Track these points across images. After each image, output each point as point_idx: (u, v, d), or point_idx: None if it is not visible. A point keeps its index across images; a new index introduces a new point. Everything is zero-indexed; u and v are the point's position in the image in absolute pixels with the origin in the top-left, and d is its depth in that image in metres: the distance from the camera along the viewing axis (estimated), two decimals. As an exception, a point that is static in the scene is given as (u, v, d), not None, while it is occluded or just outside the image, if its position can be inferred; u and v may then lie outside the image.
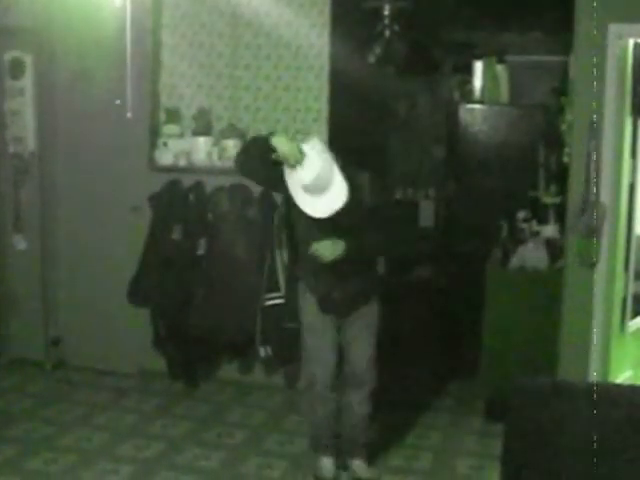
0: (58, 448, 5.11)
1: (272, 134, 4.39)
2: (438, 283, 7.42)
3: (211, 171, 6.10)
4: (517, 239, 5.96)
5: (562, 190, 5.78)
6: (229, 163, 6.05)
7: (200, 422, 5.61)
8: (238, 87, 6.22)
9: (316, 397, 4.77)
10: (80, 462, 4.92)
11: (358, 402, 4.74)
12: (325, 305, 4.63)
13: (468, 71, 7.70)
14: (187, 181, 6.09)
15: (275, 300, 5.74)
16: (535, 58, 7.61)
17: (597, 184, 5.11)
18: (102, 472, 4.81)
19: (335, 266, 4.45)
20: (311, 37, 6.04)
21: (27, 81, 6.31)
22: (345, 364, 4.74)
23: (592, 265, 5.18)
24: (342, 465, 4.87)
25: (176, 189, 6.09)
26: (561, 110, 6.32)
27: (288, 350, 5.70)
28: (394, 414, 5.74)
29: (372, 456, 4.99)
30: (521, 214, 6.14)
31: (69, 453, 5.04)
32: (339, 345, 4.71)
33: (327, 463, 4.84)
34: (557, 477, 3.13)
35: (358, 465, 4.83)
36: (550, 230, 5.96)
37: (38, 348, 6.49)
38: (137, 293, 6.12)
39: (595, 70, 5.06)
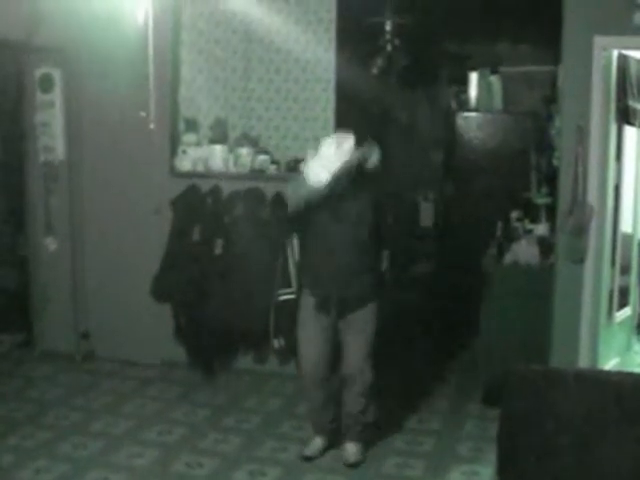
0: (87, 434, 5.12)
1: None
2: (437, 278, 7.41)
3: (227, 176, 6.10)
4: (511, 237, 5.94)
5: (552, 191, 5.78)
6: (243, 169, 6.08)
7: (219, 409, 5.62)
8: (251, 99, 6.23)
9: (306, 387, 4.82)
10: (108, 447, 4.93)
11: (351, 398, 4.73)
12: (321, 306, 4.63)
13: (464, 81, 7.71)
14: (205, 186, 6.09)
15: (287, 295, 5.72)
16: (526, 69, 7.61)
17: (585, 186, 5.10)
18: (129, 456, 4.81)
19: (336, 268, 4.50)
20: (318, 52, 6.04)
21: (56, 95, 6.31)
22: (341, 361, 4.73)
23: (581, 261, 5.18)
24: (335, 445, 4.88)
25: (195, 193, 6.09)
26: (550, 117, 6.34)
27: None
28: (397, 400, 5.74)
29: (373, 440, 4.99)
30: (514, 214, 6.14)
31: (98, 438, 5.05)
32: (334, 341, 4.69)
33: (315, 443, 4.88)
34: (550, 458, 3.13)
35: (348, 448, 4.81)
36: (541, 228, 5.95)
37: (69, 341, 6.49)
38: (159, 290, 6.12)
39: (582, 79, 5.05)
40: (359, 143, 4.59)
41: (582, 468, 3.07)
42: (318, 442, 4.88)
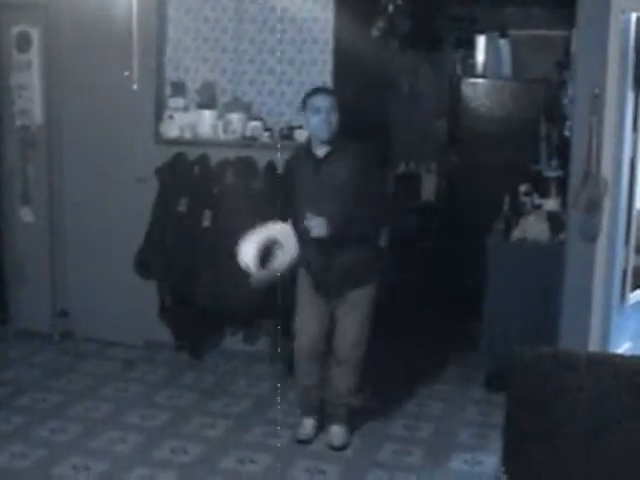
0: (66, 417, 5.13)
1: None
2: (440, 255, 7.41)
3: (216, 144, 6.08)
4: (519, 212, 5.94)
5: (564, 164, 5.76)
6: (234, 136, 6.05)
7: (205, 392, 5.63)
8: (242, 61, 6.19)
9: (300, 368, 4.87)
10: (88, 431, 4.94)
11: (340, 377, 4.79)
12: (319, 285, 4.71)
13: (470, 46, 7.68)
14: (192, 154, 6.06)
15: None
16: (537, 32, 7.57)
17: (598, 158, 5.08)
18: (109, 441, 4.83)
19: (327, 245, 4.51)
20: (315, 11, 6.00)
21: (34, 54, 6.27)
22: (333, 339, 4.79)
23: (593, 239, 5.17)
24: (321, 427, 4.96)
25: (181, 162, 6.07)
26: (563, 84, 6.30)
27: (291, 322, 5.69)
28: (395, 384, 5.76)
29: (367, 425, 5.08)
30: (523, 187, 6.13)
31: (77, 422, 5.06)
32: (329, 320, 4.76)
33: (307, 425, 4.93)
34: (558, 446, 3.13)
35: (334, 431, 4.88)
36: (551, 203, 5.94)
37: (46, 319, 6.49)
38: (143, 265, 6.11)
39: (597, 44, 5.02)
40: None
41: (593, 457, 3.08)
42: (310, 423, 4.93)
